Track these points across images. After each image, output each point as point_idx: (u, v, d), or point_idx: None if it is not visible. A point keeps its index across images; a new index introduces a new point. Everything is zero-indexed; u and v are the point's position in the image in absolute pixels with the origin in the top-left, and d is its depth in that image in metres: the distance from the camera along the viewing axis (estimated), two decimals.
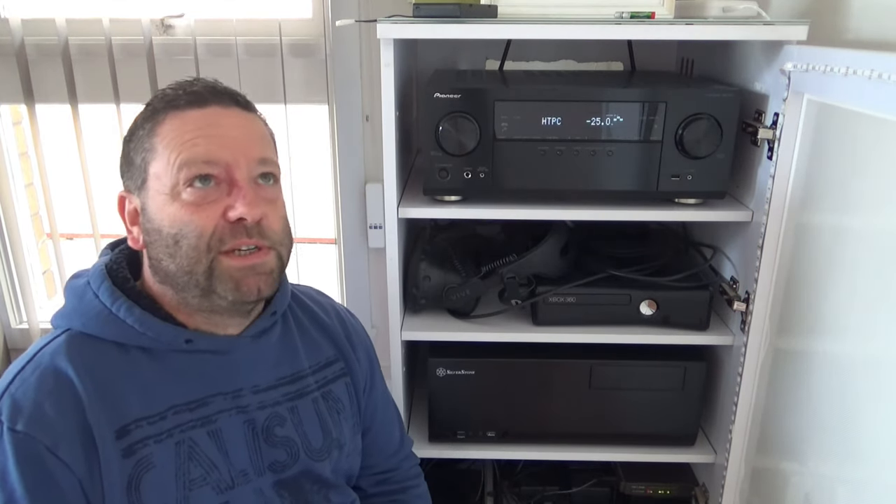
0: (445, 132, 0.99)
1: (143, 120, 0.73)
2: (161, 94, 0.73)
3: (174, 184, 0.68)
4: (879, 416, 0.75)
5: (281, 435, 0.78)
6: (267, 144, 0.75)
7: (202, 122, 0.70)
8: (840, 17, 1.00)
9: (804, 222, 0.93)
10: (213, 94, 0.72)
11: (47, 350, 0.70)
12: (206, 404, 0.74)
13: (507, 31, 0.96)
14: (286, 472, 0.78)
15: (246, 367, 0.78)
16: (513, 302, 1.10)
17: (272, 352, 0.81)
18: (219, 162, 0.69)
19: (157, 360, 0.72)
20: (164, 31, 1.41)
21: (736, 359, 1.08)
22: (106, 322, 0.71)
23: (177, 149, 0.69)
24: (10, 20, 1.35)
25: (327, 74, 1.40)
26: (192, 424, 0.72)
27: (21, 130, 1.57)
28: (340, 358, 0.88)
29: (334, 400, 0.85)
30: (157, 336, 0.71)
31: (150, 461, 0.68)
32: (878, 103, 0.74)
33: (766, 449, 1.04)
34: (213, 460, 0.72)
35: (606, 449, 1.18)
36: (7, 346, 1.62)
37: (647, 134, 0.99)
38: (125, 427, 0.68)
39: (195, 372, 0.74)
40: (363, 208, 1.47)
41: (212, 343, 0.75)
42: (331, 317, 0.90)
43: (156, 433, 0.69)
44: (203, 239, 0.68)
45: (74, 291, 0.74)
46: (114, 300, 0.71)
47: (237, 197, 0.69)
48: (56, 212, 1.50)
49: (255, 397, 0.77)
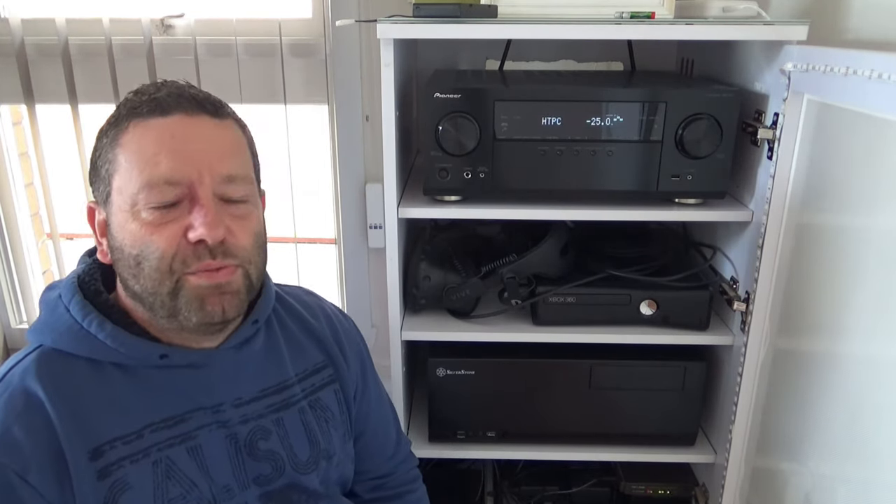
0: (445, 132, 0.99)
1: (108, 127, 0.69)
2: (125, 100, 0.69)
3: (133, 203, 0.65)
4: (880, 416, 0.75)
5: (265, 448, 0.76)
6: (237, 156, 0.71)
7: (165, 133, 0.66)
8: (840, 17, 1.00)
9: (804, 222, 0.93)
10: (178, 101, 0.67)
11: (17, 370, 0.67)
12: (185, 420, 0.71)
13: (507, 31, 0.96)
14: (272, 485, 0.76)
15: (226, 380, 0.75)
16: (513, 302, 1.10)
17: (255, 362, 0.78)
18: (181, 181, 0.65)
19: (132, 376, 0.69)
20: (164, 31, 1.41)
21: (736, 359, 1.08)
22: (77, 338, 0.68)
23: (138, 165, 0.65)
24: (10, 20, 1.35)
25: (327, 74, 1.40)
26: (170, 442, 0.69)
27: (21, 130, 1.57)
28: (329, 363, 0.85)
29: (322, 409, 0.82)
30: (130, 352, 0.68)
31: (126, 482, 0.66)
32: (878, 103, 0.74)
33: (766, 449, 1.04)
34: (192, 479, 0.70)
35: (606, 449, 1.18)
36: (7, 346, 1.62)
37: (647, 134, 0.99)
38: (99, 448, 0.65)
39: (172, 388, 0.71)
40: (363, 208, 1.47)
41: (188, 357, 0.72)
42: (319, 319, 0.87)
43: (131, 453, 0.67)
44: (165, 261, 0.66)
45: (47, 305, 0.71)
46: (85, 315, 0.68)
47: (197, 216, 0.65)
48: (56, 212, 1.50)
49: (237, 411, 0.75)
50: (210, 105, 0.70)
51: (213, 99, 0.71)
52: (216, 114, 0.70)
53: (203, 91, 0.71)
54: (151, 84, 0.70)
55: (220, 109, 0.71)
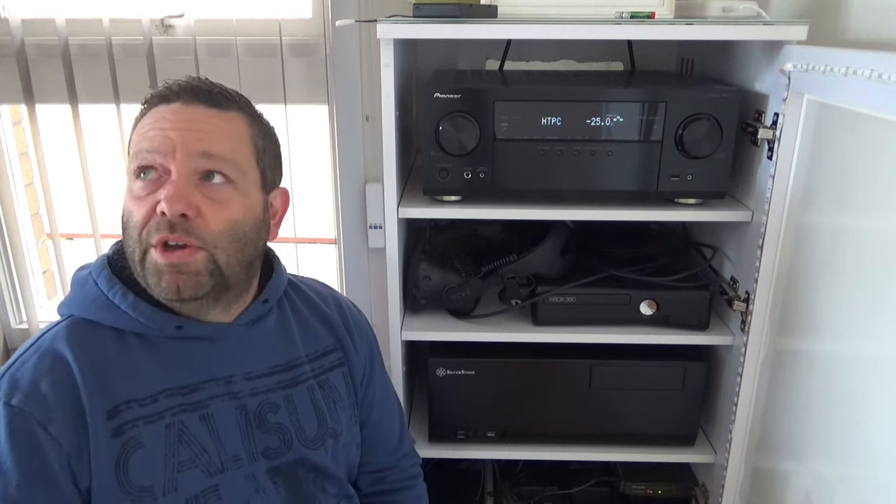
0: (445, 132, 0.99)
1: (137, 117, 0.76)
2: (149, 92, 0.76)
3: (129, 176, 0.72)
4: (879, 416, 0.75)
5: (273, 422, 0.79)
6: (225, 140, 0.72)
7: (160, 116, 0.71)
8: (840, 17, 1.00)
9: (804, 222, 0.93)
10: (181, 92, 0.73)
11: (49, 335, 0.73)
12: (199, 389, 0.75)
13: (507, 31, 0.96)
14: (280, 459, 0.79)
15: (238, 354, 0.79)
16: (513, 302, 1.10)
17: (267, 339, 0.82)
18: (158, 151, 0.70)
19: (151, 345, 0.74)
20: (164, 31, 1.41)
21: (736, 359, 1.08)
22: (103, 308, 0.73)
23: (136, 144, 0.72)
24: (10, 20, 1.35)
25: (327, 74, 1.40)
26: (183, 408, 0.73)
27: (21, 130, 1.57)
28: (338, 347, 0.88)
29: (331, 389, 0.85)
30: (148, 321, 0.73)
31: (139, 441, 0.70)
32: (878, 103, 0.74)
33: (766, 449, 1.04)
34: (202, 444, 0.73)
35: (606, 449, 1.18)
36: (7, 346, 1.62)
37: (647, 134, 0.99)
38: (116, 407, 0.70)
39: (187, 358, 0.75)
40: (363, 208, 1.47)
41: (201, 330, 0.76)
42: (330, 306, 0.91)
43: (146, 415, 0.71)
44: (137, 229, 0.70)
45: (78, 282, 0.77)
46: (110, 287, 0.74)
47: (164, 189, 0.69)
48: (56, 212, 1.50)
49: (248, 384, 0.78)
50: (210, 96, 0.73)
51: (218, 92, 0.74)
52: (215, 104, 0.73)
53: (219, 86, 0.75)
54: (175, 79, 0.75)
55: (223, 101, 0.74)
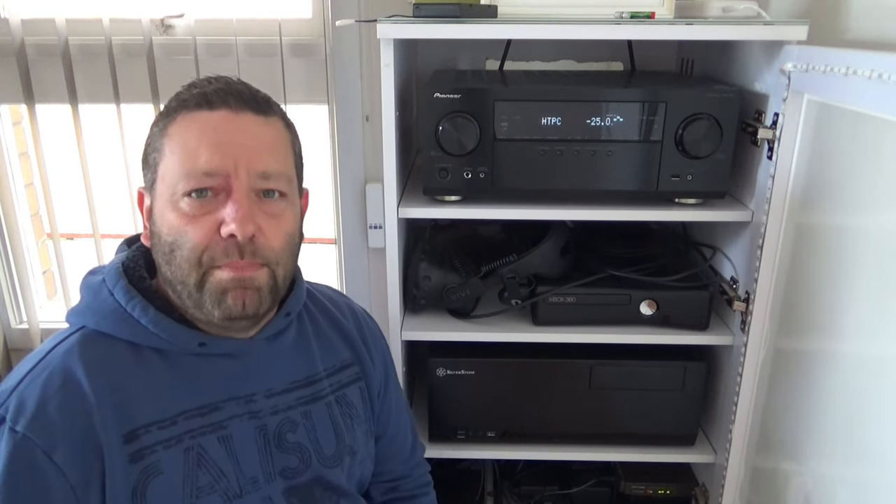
0: (445, 132, 0.99)
1: (160, 117, 0.71)
2: (177, 93, 0.71)
3: (173, 192, 0.68)
4: (880, 416, 0.75)
5: (293, 441, 0.77)
6: (277, 154, 0.72)
7: (208, 127, 0.68)
8: (840, 17, 1.00)
9: (804, 222, 0.93)
10: (225, 96, 0.69)
11: (59, 349, 0.69)
12: (218, 409, 0.72)
13: (507, 31, 0.96)
14: (297, 479, 0.77)
15: (260, 371, 0.76)
16: (513, 302, 1.10)
17: (287, 354, 0.79)
18: (218, 172, 0.67)
19: (170, 362, 0.71)
20: (164, 31, 1.41)
21: (736, 359, 1.08)
22: (120, 321, 0.69)
23: (180, 156, 0.67)
24: (10, 20, 1.35)
25: (327, 74, 1.40)
26: (202, 430, 0.70)
27: (21, 130, 1.57)
28: (356, 361, 0.86)
29: (348, 405, 0.84)
30: (170, 338, 0.70)
31: (158, 467, 0.67)
32: (878, 103, 0.74)
33: (766, 449, 1.04)
34: (221, 468, 0.71)
35: (606, 449, 1.18)
36: (7, 346, 1.62)
37: (647, 134, 0.99)
38: (134, 431, 0.66)
39: (208, 376, 0.72)
40: (363, 208, 1.47)
41: (225, 346, 0.73)
42: (347, 317, 0.89)
43: (165, 438, 0.68)
44: (195, 253, 0.67)
45: (90, 289, 0.72)
46: (129, 299, 0.70)
47: (230, 210, 0.67)
48: (56, 212, 1.50)
49: (268, 402, 0.76)
50: (255, 102, 0.71)
51: (261, 96, 0.72)
52: (261, 111, 0.71)
53: (253, 88, 0.73)
54: (205, 78, 0.71)
55: (266, 107, 0.72)
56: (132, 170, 1.44)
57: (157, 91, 1.39)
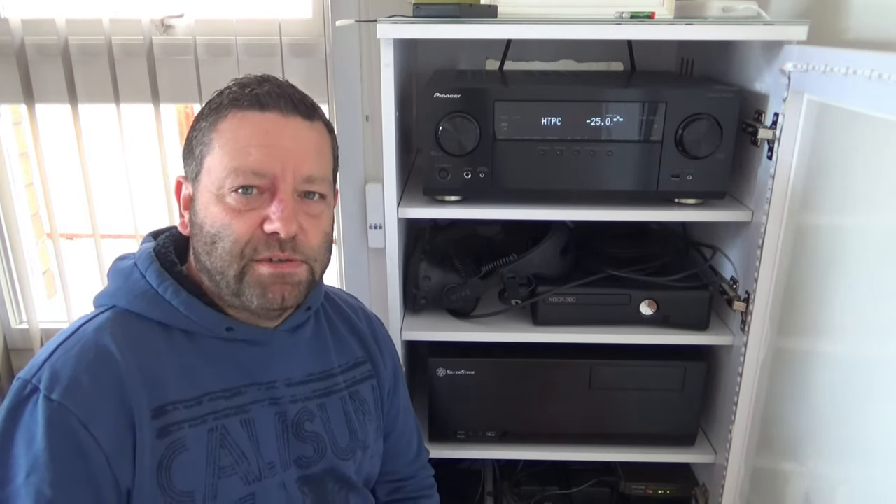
0: (445, 132, 0.99)
1: (209, 111, 0.73)
2: (228, 90, 0.73)
3: (220, 186, 0.70)
4: (880, 416, 0.75)
5: (310, 430, 0.79)
6: (321, 158, 0.75)
7: (259, 128, 0.70)
8: (840, 17, 1.00)
9: (804, 222, 0.93)
10: (277, 100, 0.72)
11: (91, 325, 0.70)
12: (242, 393, 0.74)
13: (507, 31, 0.96)
14: (311, 469, 0.79)
15: (280, 360, 0.79)
16: (513, 302, 1.10)
17: (305, 347, 0.82)
18: (266, 173, 0.70)
19: (198, 344, 0.73)
20: (164, 31, 1.41)
21: (736, 359, 1.08)
22: (152, 302, 0.72)
23: (230, 152, 0.70)
24: (10, 20, 1.35)
25: (327, 74, 1.40)
26: (226, 412, 0.72)
27: (21, 130, 1.57)
28: (368, 360, 0.89)
29: (360, 401, 0.86)
30: (200, 320, 0.72)
31: (184, 444, 0.69)
32: (878, 103, 0.74)
33: (766, 449, 1.04)
34: (243, 450, 0.73)
35: (606, 449, 1.18)
36: (7, 346, 1.62)
37: (647, 134, 0.99)
38: (162, 407, 0.68)
39: (232, 360, 0.75)
40: (363, 208, 1.47)
41: (250, 333, 0.76)
42: (360, 319, 0.92)
43: (191, 417, 0.70)
44: (238, 245, 0.70)
45: (120, 272, 0.74)
46: (161, 281, 0.72)
47: (276, 209, 0.70)
48: (56, 212, 1.50)
49: (288, 390, 0.78)
50: (304, 107, 0.74)
51: (309, 101, 0.75)
52: (308, 116, 0.74)
53: (300, 92, 0.75)
54: (254, 78, 0.74)
55: (313, 112, 0.75)
56: (132, 170, 1.45)
57: (157, 91, 1.40)
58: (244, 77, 0.75)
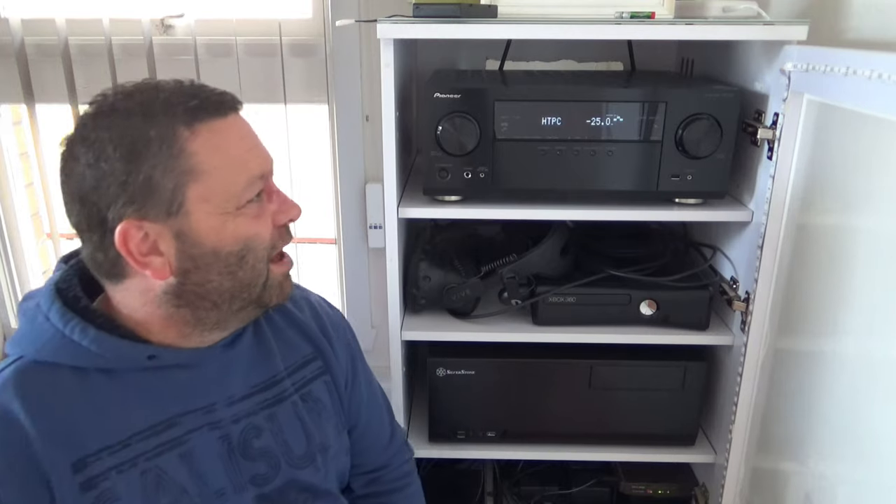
0: (445, 132, 0.99)
1: (156, 137, 0.63)
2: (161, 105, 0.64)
3: (236, 203, 0.67)
4: (880, 416, 0.75)
5: (258, 447, 0.75)
6: None
7: (233, 134, 0.68)
8: (840, 17, 1.00)
9: (804, 222, 0.93)
10: (222, 101, 0.68)
11: None
12: (176, 424, 0.70)
13: (507, 31, 0.96)
14: (269, 485, 0.75)
15: (218, 379, 0.74)
16: (513, 302, 1.10)
17: (245, 358, 0.77)
18: (264, 174, 0.71)
19: (119, 381, 0.68)
20: (164, 31, 1.41)
21: (736, 359, 1.08)
22: (59, 346, 0.66)
23: (231, 167, 0.66)
24: (10, 20, 1.35)
25: (327, 74, 1.40)
26: (159, 450, 0.68)
27: (21, 130, 1.57)
28: (318, 356, 0.84)
29: (314, 401, 0.82)
30: (115, 356, 0.67)
31: (114, 494, 0.65)
32: (878, 103, 0.74)
33: (766, 449, 1.04)
34: (183, 485, 0.69)
35: (606, 449, 1.18)
36: None
37: (647, 134, 0.99)
38: (83, 459, 0.64)
39: (161, 391, 0.70)
40: (363, 208, 1.47)
41: (177, 357, 0.71)
42: (304, 311, 0.86)
43: (118, 463, 0.65)
44: (266, 249, 0.71)
45: (26, 315, 0.69)
46: (66, 322, 0.66)
47: (278, 202, 0.72)
48: (56, 212, 1.50)
49: (229, 410, 0.74)
50: (235, 100, 0.71)
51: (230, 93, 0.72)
52: (240, 106, 0.73)
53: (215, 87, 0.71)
54: (171, 88, 0.66)
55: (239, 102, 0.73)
56: None
57: None
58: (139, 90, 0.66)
